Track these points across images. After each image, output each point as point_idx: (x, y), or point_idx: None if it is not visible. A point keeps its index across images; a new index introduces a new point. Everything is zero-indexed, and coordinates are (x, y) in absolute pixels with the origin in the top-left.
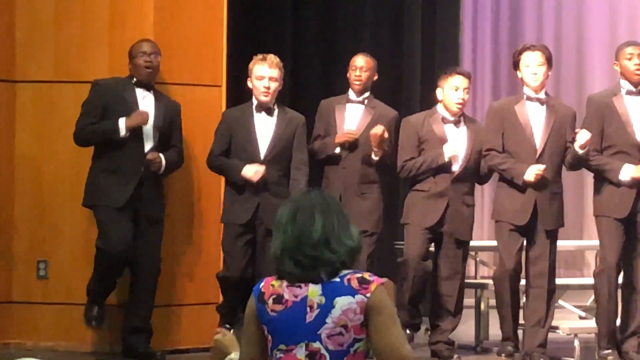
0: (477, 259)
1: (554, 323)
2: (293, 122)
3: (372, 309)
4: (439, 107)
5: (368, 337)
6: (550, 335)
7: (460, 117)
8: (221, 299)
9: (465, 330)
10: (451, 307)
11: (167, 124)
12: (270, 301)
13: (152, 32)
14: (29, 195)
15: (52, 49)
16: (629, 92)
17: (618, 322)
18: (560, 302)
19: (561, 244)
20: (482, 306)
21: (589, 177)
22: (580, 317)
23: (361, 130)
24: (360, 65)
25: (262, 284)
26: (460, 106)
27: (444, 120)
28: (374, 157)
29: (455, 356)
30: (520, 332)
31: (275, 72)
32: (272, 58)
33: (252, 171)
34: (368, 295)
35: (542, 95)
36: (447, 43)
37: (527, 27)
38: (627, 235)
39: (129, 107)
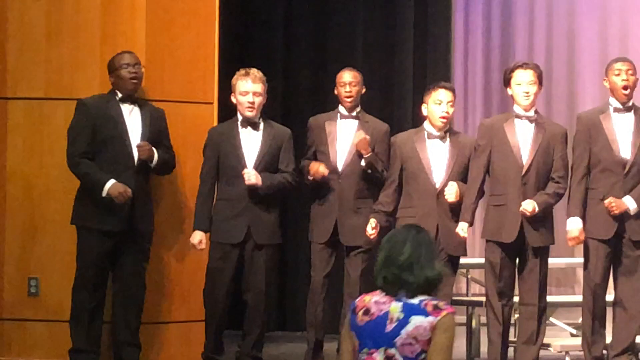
0: (469, 276)
1: (545, 340)
2: (279, 136)
3: (436, 329)
4: (426, 124)
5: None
6: (542, 352)
7: (446, 133)
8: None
9: (456, 348)
10: None
11: (155, 134)
12: (360, 313)
13: (143, 48)
14: (20, 211)
15: (43, 66)
16: (616, 110)
17: (608, 340)
18: (552, 319)
19: (552, 261)
20: (474, 323)
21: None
22: (572, 335)
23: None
24: (349, 81)
25: (357, 300)
26: (444, 120)
27: (429, 136)
28: (362, 163)
29: None
30: (511, 349)
31: (259, 87)
32: (255, 72)
33: (196, 240)
34: (438, 318)
35: (531, 113)
36: (439, 59)
37: (518, 44)
38: (616, 253)
39: (117, 124)
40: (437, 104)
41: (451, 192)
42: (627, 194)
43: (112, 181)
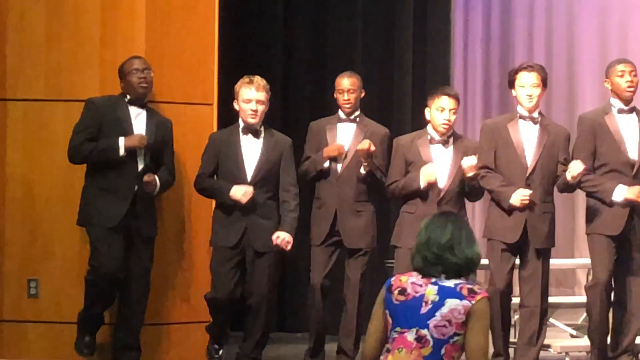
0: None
1: (545, 342)
2: (280, 144)
3: (473, 314)
4: (429, 128)
5: (464, 335)
6: (542, 353)
7: (449, 138)
8: (210, 319)
9: None
10: None
11: (158, 142)
12: (396, 292)
13: (143, 50)
14: (20, 213)
15: (43, 67)
16: (620, 111)
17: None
18: (552, 320)
19: (552, 262)
20: None
21: (580, 196)
22: (572, 336)
23: (354, 148)
24: (347, 88)
25: (392, 279)
26: (446, 127)
27: (432, 141)
28: (362, 171)
29: None
30: (512, 350)
31: (262, 95)
32: (258, 80)
33: (241, 192)
34: (473, 302)
35: (535, 114)
36: (438, 62)
37: (518, 46)
38: (619, 253)
39: (123, 125)
40: (440, 111)
41: (469, 162)
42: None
43: (122, 138)
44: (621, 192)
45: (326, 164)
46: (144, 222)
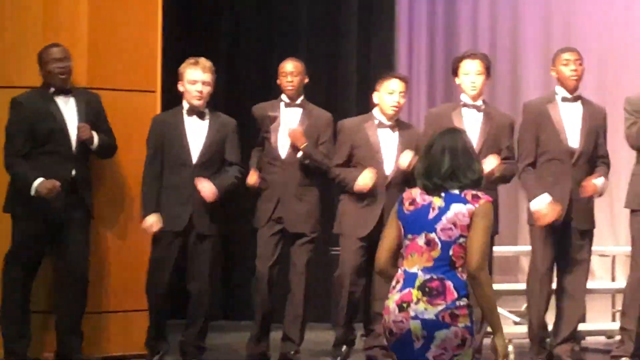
0: None
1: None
2: (225, 126)
3: (476, 215)
4: (375, 112)
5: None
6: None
7: (396, 123)
8: (147, 323)
9: None
10: None
11: (92, 120)
12: (407, 203)
13: (86, 37)
14: None
15: None
16: (564, 99)
17: (550, 327)
18: None
19: (496, 249)
20: None
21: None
22: (515, 323)
23: None
24: (290, 71)
25: (404, 193)
26: (395, 109)
27: (380, 125)
28: (298, 155)
29: None
30: None
31: (208, 76)
32: (204, 62)
33: (149, 223)
34: (477, 205)
35: (479, 102)
36: (383, 48)
37: (462, 33)
38: (560, 241)
39: (55, 119)
40: (389, 94)
41: (406, 159)
42: (575, 183)
43: (39, 180)
44: (539, 203)
45: (278, 149)
46: (81, 209)
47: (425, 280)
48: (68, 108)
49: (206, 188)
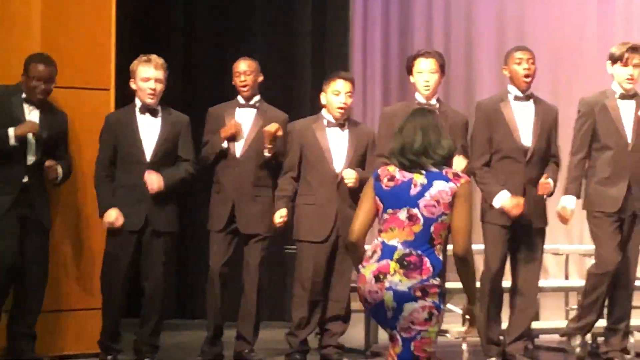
0: None
1: (442, 327)
2: (178, 123)
3: (458, 196)
4: (324, 112)
5: (450, 215)
6: (439, 339)
7: (345, 121)
8: (101, 322)
9: (354, 334)
10: (340, 311)
11: (53, 136)
12: (385, 179)
13: (39, 35)
14: None
15: None
16: (516, 98)
17: (504, 326)
18: (449, 306)
19: (450, 248)
20: None
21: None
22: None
23: (253, 134)
24: (243, 70)
25: (379, 170)
26: (341, 110)
27: (329, 125)
28: (267, 154)
29: None
30: None
31: (161, 74)
32: (156, 59)
33: (112, 217)
34: (458, 184)
35: (433, 101)
36: (337, 48)
37: (416, 32)
38: (513, 241)
39: (16, 120)
40: (336, 94)
41: (351, 177)
42: (528, 181)
43: (11, 128)
44: (501, 199)
45: (225, 145)
46: (38, 210)
47: (405, 254)
48: (32, 115)
49: (152, 179)
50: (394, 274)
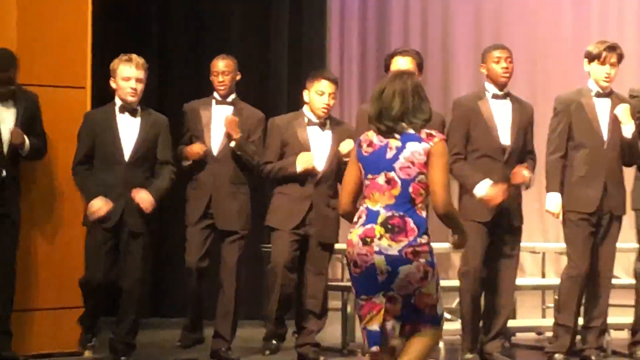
0: (344, 261)
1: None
2: (157, 123)
3: (432, 154)
4: (305, 109)
5: (427, 173)
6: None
7: (326, 120)
8: (82, 308)
9: (331, 333)
10: (316, 309)
11: (26, 123)
12: (365, 145)
13: (14, 32)
14: None
15: None
16: (494, 96)
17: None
18: None
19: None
20: (349, 308)
21: (455, 181)
22: (445, 319)
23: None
24: (222, 70)
25: (362, 136)
26: (325, 111)
27: (310, 123)
28: (232, 144)
29: (322, 358)
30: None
31: (142, 74)
32: (137, 59)
33: (97, 207)
34: (431, 143)
35: None
36: (314, 46)
37: (393, 32)
38: (491, 238)
39: None
40: (319, 95)
41: (348, 146)
42: (506, 179)
43: None
44: (483, 187)
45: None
46: (7, 205)
47: (387, 217)
48: (4, 108)
49: (144, 199)
50: (380, 237)
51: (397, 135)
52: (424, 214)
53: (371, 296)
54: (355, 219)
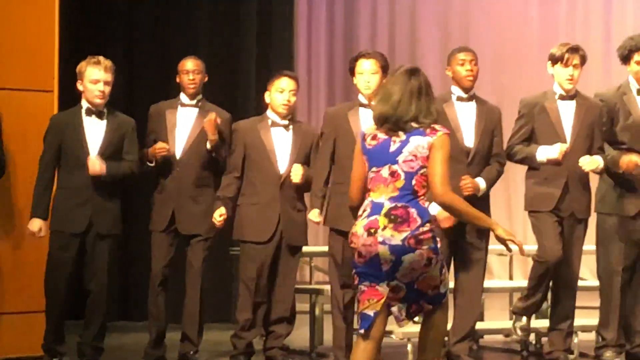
0: (312, 264)
1: (387, 328)
2: (123, 125)
3: (432, 146)
4: (269, 112)
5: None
6: (384, 340)
7: (289, 122)
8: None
9: (299, 336)
10: (285, 313)
11: None
12: (369, 139)
13: None
14: None
15: None
16: (459, 99)
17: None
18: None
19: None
20: (317, 311)
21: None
22: (414, 322)
23: (195, 133)
24: (193, 69)
25: (366, 129)
26: (285, 108)
27: (273, 124)
28: (208, 146)
29: None
30: (355, 337)
31: (109, 76)
32: (105, 61)
33: (35, 228)
34: (434, 137)
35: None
36: (282, 48)
37: (361, 34)
38: (457, 242)
39: None
40: (280, 92)
41: (297, 173)
42: None
43: None
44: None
45: (151, 163)
46: None
47: (391, 207)
48: None
49: (94, 162)
50: (384, 228)
51: (402, 133)
52: (426, 204)
53: (374, 284)
54: (360, 212)
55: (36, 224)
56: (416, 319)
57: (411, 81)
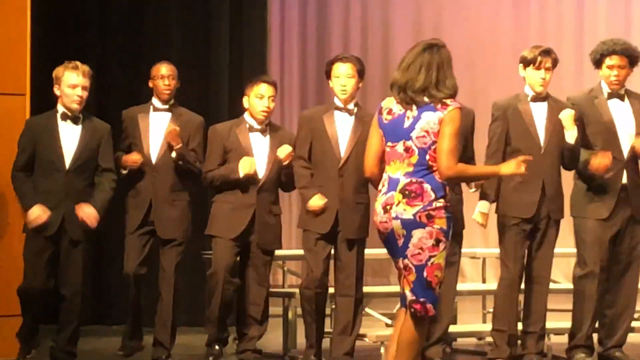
0: (285, 268)
1: (361, 331)
2: (99, 131)
3: (443, 121)
4: (246, 116)
5: None
6: (358, 343)
7: (267, 126)
8: (21, 319)
9: (273, 339)
10: (258, 315)
11: None
12: (385, 113)
13: None
14: None
15: None
16: None
17: None
18: (367, 310)
19: (368, 252)
20: (290, 315)
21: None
22: (387, 325)
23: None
24: (168, 74)
25: (383, 103)
26: (265, 114)
27: (251, 129)
28: (173, 155)
29: None
30: (327, 340)
31: (87, 81)
32: (83, 66)
33: (35, 215)
34: (445, 111)
35: (351, 106)
36: (255, 52)
37: (334, 38)
38: None
39: None
40: (259, 98)
41: (285, 151)
42: None
43: None
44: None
45: (123, 171)
46: None
47: (406, 183)
48: None
49: (88, 215)
50: (398, 204)
51: (414, 107)
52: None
53: (397, 260)
54: (380, 187)
55: (35, 210)
56: (389, 321)
57: (424, 54)
